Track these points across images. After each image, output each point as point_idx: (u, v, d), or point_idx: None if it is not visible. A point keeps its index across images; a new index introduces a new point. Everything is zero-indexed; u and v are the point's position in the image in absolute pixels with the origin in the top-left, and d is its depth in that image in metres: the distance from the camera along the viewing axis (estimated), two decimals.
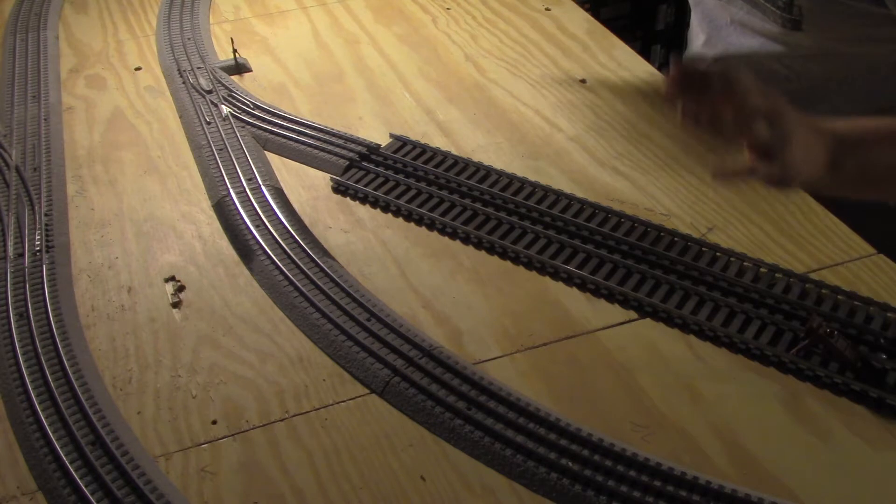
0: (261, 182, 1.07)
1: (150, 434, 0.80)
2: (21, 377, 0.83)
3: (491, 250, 0.99)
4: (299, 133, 1.17)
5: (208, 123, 1.18)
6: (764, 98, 0.81)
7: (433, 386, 0.82)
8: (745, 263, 0.93)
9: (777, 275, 0.92)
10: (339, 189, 1.09)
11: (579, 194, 1.04)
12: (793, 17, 1.06)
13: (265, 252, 0.97)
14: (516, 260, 0.97)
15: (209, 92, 1.25)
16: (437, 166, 1.09)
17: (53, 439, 0.77)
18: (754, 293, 0.90)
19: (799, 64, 1.13)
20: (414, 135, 1.16)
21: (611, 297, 0.92)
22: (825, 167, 0.83)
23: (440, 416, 0.80)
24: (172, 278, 0.96)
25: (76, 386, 0.82)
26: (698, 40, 1.28)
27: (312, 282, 0.93)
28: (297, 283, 0.93)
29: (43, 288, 0.93)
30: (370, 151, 1.13)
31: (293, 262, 0.95)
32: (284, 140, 1.16)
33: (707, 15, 1.24)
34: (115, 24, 1.48)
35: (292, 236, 0.99)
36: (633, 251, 0.96)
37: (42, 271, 0.95)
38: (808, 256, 0.96)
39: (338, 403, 0.82)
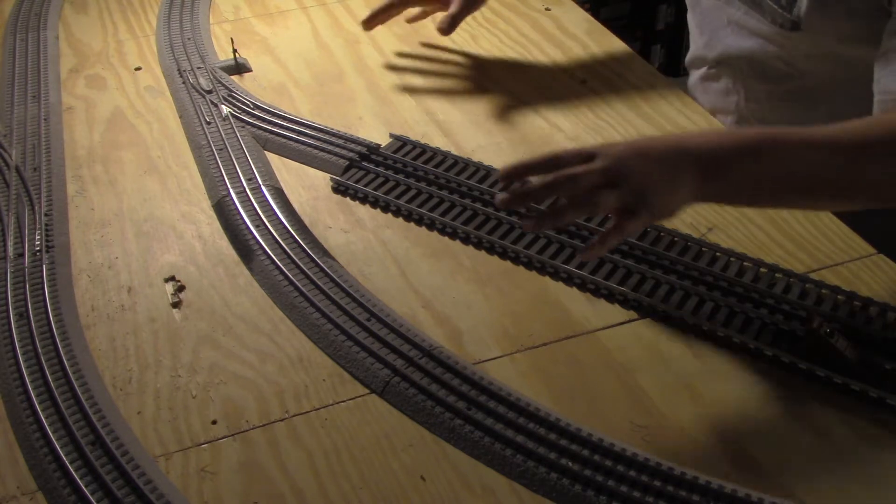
0: (261, 182, 1.07)
1: (150, 434, 0.80)
2: (21, 377, 0.83)
3: (491, 250, 0.99)
4: (299, 133, 1.17)
5: (208, 123, 1.18)
6: (579, 158, 0.82)
7: (433, 386, 0.82)
8: (745, 263, 0.93)
9: (777, 275, 0.92)
10: (339, 189, 1.09)
11: None
12: (792, 18, 1.06)
13: (265, 252, 0.97)
14: (516, 260, 0.97)
15: (209, 92, 1.25)
16: (437, 166, 1.09)
17: (53, 439, 0.77)
18: (754, 293, 0.90)
19: (800, 64, 1.13)
20: (414, 135, 1.16)
21: (611, 297, 0.92)
22: (698, 184, 0.80)
23: (440, 416, 0.80)
24: (172, 278, 0.96)
25: (76, 386, 0.82)
26: (697, 41, 1.28)
27: (312, 282, 0.93)
28: (297, 283, 0.93)
29: (43, 288, 0.93)
30: (370, 151, 1.13)
31: (293, 262, 0.95)
32: (284, 140, 1.16)
33: (705, 16, 1.23)
34: (115, 24, 1.48)
35: (292, 236, 0.99)
36: (633, 251, 0.96)
37: (42, 271, 0.95)
38: (808, 256, 0.96)
39: (338, 403, 0.82)
